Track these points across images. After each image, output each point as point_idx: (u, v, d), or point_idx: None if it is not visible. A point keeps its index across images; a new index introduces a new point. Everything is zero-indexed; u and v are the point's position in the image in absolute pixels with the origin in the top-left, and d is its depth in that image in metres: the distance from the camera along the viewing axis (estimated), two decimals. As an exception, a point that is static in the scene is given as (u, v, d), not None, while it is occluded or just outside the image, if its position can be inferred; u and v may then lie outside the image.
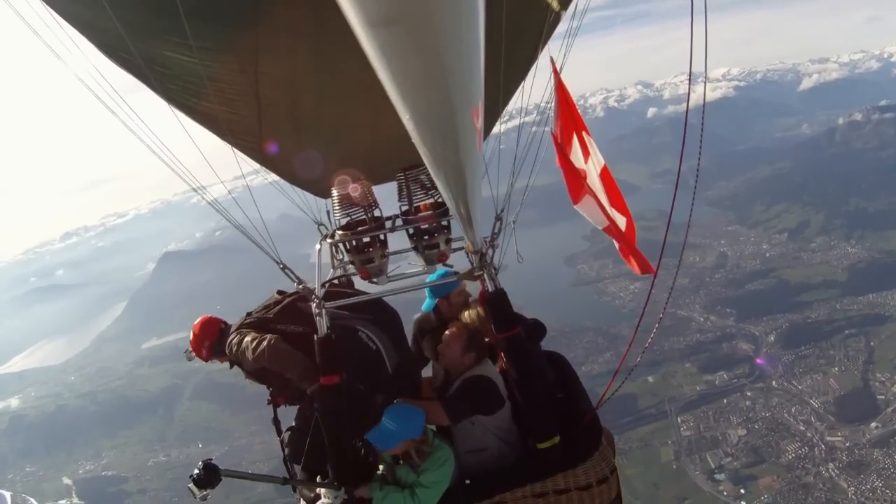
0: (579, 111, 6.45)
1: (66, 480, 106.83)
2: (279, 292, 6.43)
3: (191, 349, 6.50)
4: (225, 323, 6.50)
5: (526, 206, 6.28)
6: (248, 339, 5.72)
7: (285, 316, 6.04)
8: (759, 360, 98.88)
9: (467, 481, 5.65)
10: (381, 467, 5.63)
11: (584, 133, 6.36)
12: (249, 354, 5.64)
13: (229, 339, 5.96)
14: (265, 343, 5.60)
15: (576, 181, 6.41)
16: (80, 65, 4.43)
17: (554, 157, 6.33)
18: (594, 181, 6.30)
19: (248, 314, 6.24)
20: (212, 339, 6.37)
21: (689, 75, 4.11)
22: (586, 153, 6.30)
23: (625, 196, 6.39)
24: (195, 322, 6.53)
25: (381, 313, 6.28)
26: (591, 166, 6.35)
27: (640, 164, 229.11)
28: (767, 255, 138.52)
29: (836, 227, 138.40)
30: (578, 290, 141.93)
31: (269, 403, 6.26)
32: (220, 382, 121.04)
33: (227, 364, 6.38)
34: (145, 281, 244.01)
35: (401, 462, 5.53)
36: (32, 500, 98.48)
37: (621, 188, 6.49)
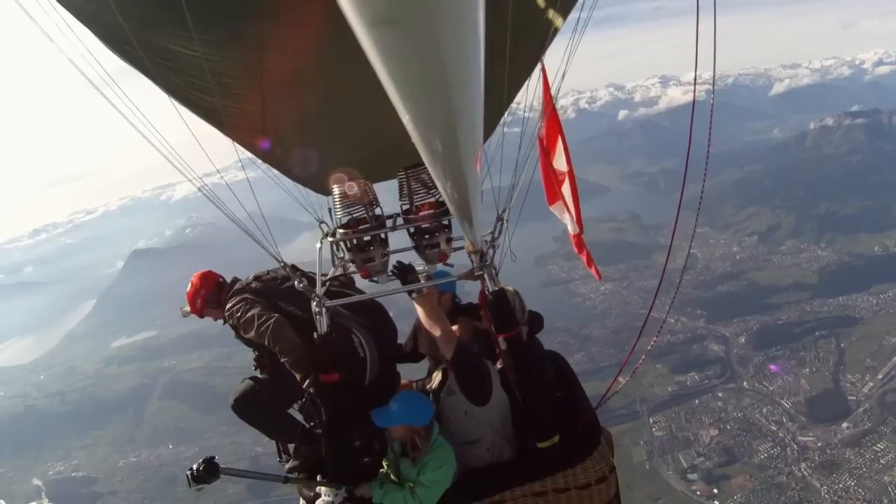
0: None
1: (36, 482, 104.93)
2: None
3: (187, 303, 6.65)
4: (222, 277, 6.72)
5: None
6: (255, 311, 5.93)
7: (289, 295, 6.18)
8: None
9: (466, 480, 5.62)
10: (384, 464, 5.61)
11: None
12: (253, 329, 5.85)
13: (233, 302, 6.14)
14: (270, 323, 5.78)
15: (553, 184, 6.44)
16: (71, 49, 4.38)
17: (536, 158, 6.35)
18: (566, 188, 6.33)
19: (258, 277, 6.47)
20: (208, 290, 6.56)
21: (695, 70, 4.16)
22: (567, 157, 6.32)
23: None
24: (194, 275, 6.71)
25: (379, 323, 6.35)
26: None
27: (611, 166, 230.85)
28: (738, 257, 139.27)
29: (806, 230, 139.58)
30: (549, 290, 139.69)
31: (254, 368, 6.51)
32: (189, 382, 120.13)
33: (219, 322, 6.54)
34: (114, 279, 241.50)
35: (406, 452, 5.52)
36: (2, 501, 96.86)
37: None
